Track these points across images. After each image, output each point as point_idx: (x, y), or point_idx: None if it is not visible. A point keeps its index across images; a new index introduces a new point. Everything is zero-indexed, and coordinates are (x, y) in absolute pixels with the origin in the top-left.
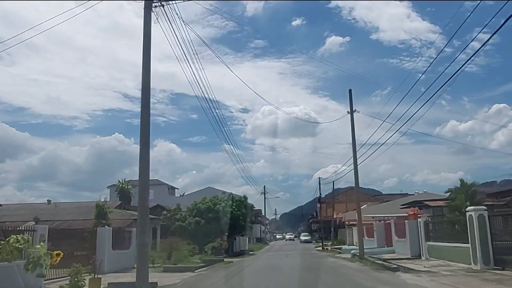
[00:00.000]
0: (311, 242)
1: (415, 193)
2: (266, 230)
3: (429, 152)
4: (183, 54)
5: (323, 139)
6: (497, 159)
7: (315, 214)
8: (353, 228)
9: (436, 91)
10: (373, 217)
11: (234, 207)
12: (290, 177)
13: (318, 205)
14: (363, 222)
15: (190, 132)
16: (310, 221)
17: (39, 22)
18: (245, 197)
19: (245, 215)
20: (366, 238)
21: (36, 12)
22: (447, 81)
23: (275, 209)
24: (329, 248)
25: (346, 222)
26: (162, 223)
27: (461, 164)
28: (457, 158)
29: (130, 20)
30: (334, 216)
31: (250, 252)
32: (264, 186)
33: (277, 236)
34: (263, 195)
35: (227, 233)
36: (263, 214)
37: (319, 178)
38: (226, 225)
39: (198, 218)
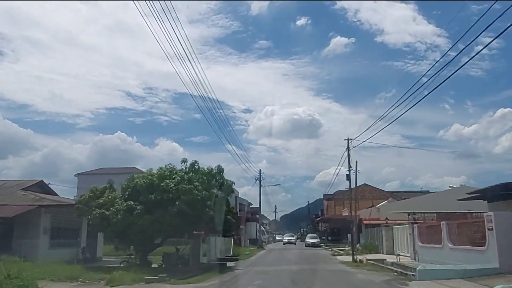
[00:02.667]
0: (320, 246)
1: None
2: (264, 230)
3: (432, 155)
4: (181, 53)
5: (326, 141)
6: (501, 164)
7: (320, 213)
8: (396, 227)
9: (432, 90)
10: (409, 214)
11: (198, 183)
12: (292, 178)
13: (325, 202)
14: (390, 220)
15: (193, 132)
16: (317, 219)
17: (44, 19)
18: (220, 169)
19: (221, 200)
20: (425, 244)
21: (40, 9)
22: (443, 82)
23: (275, 206)
24: (362, 260)
25: (364, 222)
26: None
27: (464, 169)
28: (460, 162)
29: (135, 19)
30: (351, 214)
31: (229, 265)
32: (260, 170)
33: (277, 238)
34: (259, 184)
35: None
36: (261, 211)
37: (338, 168)
38: (187, 216)
39: (131, 203)
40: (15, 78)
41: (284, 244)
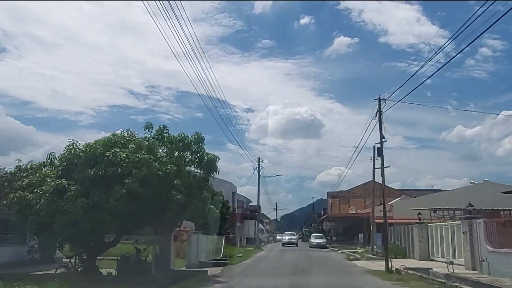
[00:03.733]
0: (326, 247)
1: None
2: (264, 229)
3: (434, 157)
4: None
5: (327, 141)
6: (503, 167)
7: (322, 212)
8: (435, 225)
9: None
10: (434, 211)
11: (163, 155)
12: (293, 178)
13: (329, 200)
14: (404, 219)
15: (195, 130)
16: (322, 217)
17: (47, 17)
18: (199, 138)
19: (199, 182)
20: (499, 249)
21: (43, 7)
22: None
23: (276, 203)
24: (400, 270)
25: (376, 220)
26: None
27: (466, 171)
28: (462, 164)
29: (138, 17)
30: (356, 211)
31: (212, 272)
32: (259, 158)
33: (277, 237)
34: (257, 176)
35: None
36: (260, 207)
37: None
38: (142, 200)
39: (63, 181)
40: (17, 75)
41: (283, 244)
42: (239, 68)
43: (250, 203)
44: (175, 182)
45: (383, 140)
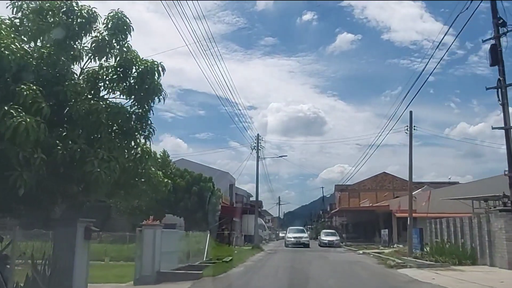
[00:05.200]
0: (340, 246)
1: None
2: (265, 225)
3: (437, 154)
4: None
5: (330, 139)
6: (505, 164)
7: (328, 208)
8: None
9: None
10: (486, 200)
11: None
12: (296, 176)
13: (337, 194)
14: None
15: (197, 128)
16: (333, 211)
17: None
18: (155, 62)
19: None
20: None
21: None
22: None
23: (279, 197)
24: None
25: (396, 214)
26: None
27: (469, 168)
28: (465, 161)
29: (141, 15)
30: (366, 204)
31: None
32: (258, 135)
33: (280, 234)
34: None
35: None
36: (259, 199)
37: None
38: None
39: None
40: None
41: (287, 245)
42: (241, 66)
43: (251, 198)
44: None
45: None
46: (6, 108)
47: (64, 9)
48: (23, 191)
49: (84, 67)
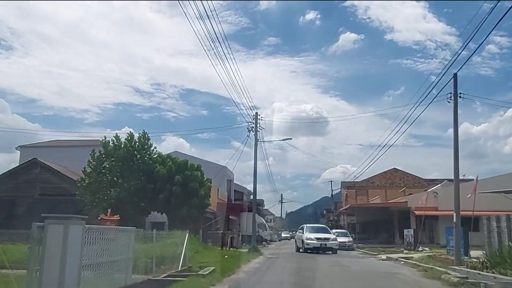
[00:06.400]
0: (353, 249)
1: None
2: (266, 224)
3: (439, 155)
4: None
5: (333, 139)
6: (508, 165)
7: (333, 207)
8: None
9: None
10: None
11: None
12: (298, 176)
13: (343, 191)
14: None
15: (199, 127)
16: (342, 209)
17: (54, 14)
18: None
19: None
20: None
21: (50, 4)
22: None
23: (281, 194)
24: None
25: (415, 211)
26: None
27: (471, 169)
28: (467, 162)
29: (144, 15)
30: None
31: None
32: (256, 113)
33: (283, 235)
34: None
35: None
36: (257, 195)
37: None
38: None
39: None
40: (24, 72)
41: (305, 249)
42: (244, 66)
43: (251, 196)
44: None
45: None
46: None
47: None
48: None
49: None
